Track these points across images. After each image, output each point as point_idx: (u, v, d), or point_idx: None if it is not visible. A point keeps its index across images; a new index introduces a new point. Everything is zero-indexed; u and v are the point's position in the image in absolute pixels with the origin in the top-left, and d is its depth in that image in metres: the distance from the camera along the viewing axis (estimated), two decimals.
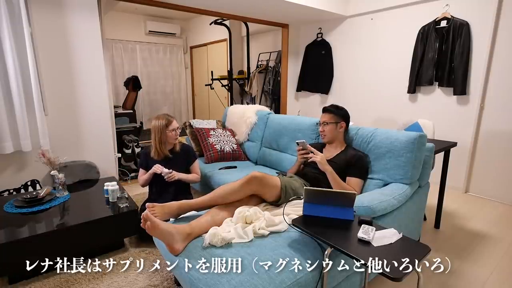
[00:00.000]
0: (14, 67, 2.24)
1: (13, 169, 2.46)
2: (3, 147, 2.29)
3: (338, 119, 1.96)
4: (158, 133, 2.13)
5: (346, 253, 1.08)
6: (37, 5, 2.39)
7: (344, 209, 1.33)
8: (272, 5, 3.42)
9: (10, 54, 2.21)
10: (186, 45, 7.18)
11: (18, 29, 2.26)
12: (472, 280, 1.76)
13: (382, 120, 3.81)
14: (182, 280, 1.30)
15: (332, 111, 1.97)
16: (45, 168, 2.57)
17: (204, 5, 3.40)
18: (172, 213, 1.54)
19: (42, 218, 1.84)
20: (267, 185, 1.60)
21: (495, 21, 2.80)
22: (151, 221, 1.28)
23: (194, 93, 7.42)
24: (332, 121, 1.95)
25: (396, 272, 0.97)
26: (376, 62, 3.77)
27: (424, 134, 1.75)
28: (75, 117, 2.69)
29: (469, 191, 3.18)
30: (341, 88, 4.24)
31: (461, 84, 3.00)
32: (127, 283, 1.70)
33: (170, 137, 2.16)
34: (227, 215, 1.55)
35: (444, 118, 3.24)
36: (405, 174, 1.74)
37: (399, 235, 1.18)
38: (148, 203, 1.49)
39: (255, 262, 1.20)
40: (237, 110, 3.20)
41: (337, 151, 1.96)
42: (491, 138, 2.96)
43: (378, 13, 3.67)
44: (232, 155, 2.84)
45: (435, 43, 3.14)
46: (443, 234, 2.29)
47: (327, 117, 1.96)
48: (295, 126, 2.51)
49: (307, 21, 4.37)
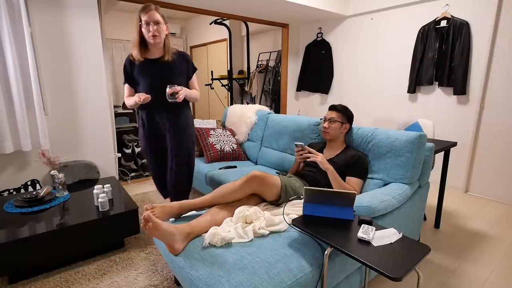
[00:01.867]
0: (14, 67, 2.24)
1: (13, 169, 2.46)
2: (3, 147, 2.29)
3: (344, 120, 1.96)
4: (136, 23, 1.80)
5: (346, 253, 1.08)
6: (37, 5, 2.39)
7: (344, 209, 1.33)
8: (272, 5, 3.42)
9: (10, 54, 2.21)
10: (186, 45, 7.18)
11: (18, 29, 2.26)
12: (472, 280, 1.76)
13: (382, 120, 3.81)
14: (182, 280, 1.30)
15: (340, 110, 1.97)
16: (45, 168, 2.58)
17: (204, 5, 3.40)
18: (172, 213, 1.53)
19: (42, 218, 1.84)
20: (267, 184, 1.61)
21: (495, 21, 2.80)
22: (152, 222, 1.28)
23: None
24: (339, 119, 1.95)
25: (396, 272, 0.97)
26: (376, 62, 3.77)
27: (424, 134, 1.75)
28: (75, 117, 2.69)
29: (469, 191, 3.18)
30: (341, 88, 4.24)
31: (461, 84, 3.00)
32: (127, 283, 1.70)
33: (145, 34, 1.79)
34: (227, 215, 1.55)
35: (444, 118, 3.24)
36: (405, 174, 1.74)
37: (399, 235, 1.18)
38: (147, 205, 1.47)
39: (255, 262, 1.20)
40: (237, 110, 3.20)
41: (337, 151, 1.97)
42: (491, 138, 2.96)
43: (378, 13, 3.67)
44: (232, 155, 2.84)
45: (435, 43, 3.14)
46: (443, 234, 2.29)
47: (335, 115, 1.95)
48: (295, 126, 2.51)
49: (307, 21, 4.37)
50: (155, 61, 1.90)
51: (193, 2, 3.26)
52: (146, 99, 1.76)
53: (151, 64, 1.89)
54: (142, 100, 1.73)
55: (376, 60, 3.77)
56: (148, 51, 1.89)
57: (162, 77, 1.89)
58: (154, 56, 1.90)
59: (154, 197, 2.96)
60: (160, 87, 1.85)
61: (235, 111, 3.21)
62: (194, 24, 6.75)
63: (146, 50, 1.88)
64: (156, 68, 1.89)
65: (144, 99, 1.75)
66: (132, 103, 1.88)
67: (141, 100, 1.73)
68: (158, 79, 1.89)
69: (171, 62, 1.91)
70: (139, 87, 1.95)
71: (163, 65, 1.90)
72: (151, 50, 1.88)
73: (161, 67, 1.90)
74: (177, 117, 1.99)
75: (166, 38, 1.87)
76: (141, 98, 1.73)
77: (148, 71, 1.89)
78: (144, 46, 1.87)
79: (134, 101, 1.81)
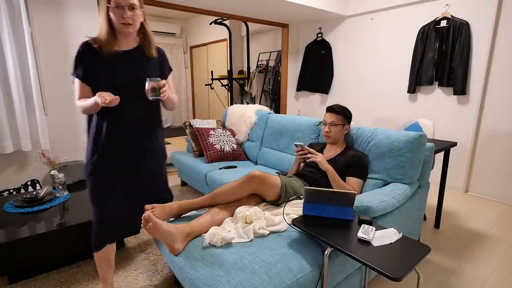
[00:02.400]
0: (14, 67, 2.24)
1: (13, 169, 2.46)
2: (3, 147, 2.29)
3: (344, 121, 1.94)
4: (103, 3, 1.32)
5: (346, 253, 1.08)
6: (37, 5, 2.39)
7: (344, 209, 1.33)
8: (272, 5, 3.42)
9: (10, 54, 2.22)
10: (186, 45, 7.18)
11: (18, 29, 2.26)
12: (472, 280, 1.76)
13: (382, 120, 3.81)
14: (182, 280, 1.30)
15: (340, 112, 1.93)
16: (45, 168, 2.58)
17: (204, 5, 3.40)
18: (172, 213, 1.53)
19: (42, 218, 1.84)
20: (267, 184, 1.60)
21: (495, 21, 2.80)
22: (152, 222, 1.28)
23: (194, 93, 7.42)
24: (339, 122, 1.92)
25: (396, 272, 0.97)
26: (376, 62, 3.77)
27: (424, 134, 1.75)
28: (75, 117, 2.69)
29: (469, 191, 3.18)
30: (341, 88, 4.24)
31: (461, 84, 3.00)
32: (127, 283, 1.70)
33: (114, 19, 1.32)
34: (227, 215, 1.55)
35: (444, 118, 3.24)
36: (405, 174, 1.74)
37: (399, 235, 1.18)
38: (147, 205, 1.45)
39: (255, 262, 1.20)
40: (237, 110, 3.20)
41: (337, 151, 1.96)
42: (491, 138, 2.96)
43: (378, 13, 3.67)
44: (232, 155, 2.84)
45: (435, 43, 3.14)
46: (443, 234, 2.29)
47: (335, 118, 1.92)
48: (295, 126, 2.51)
49: (307, 21, 4.37)
50: (128, 55, 1.41)
51: (193, 2, 3.26)
52: (114, 101, 1.26)
53: (123, 58, 1.39)
54: (108, 102, 1.23)
55: (376, 60, 3.77)
56: (116, 40, 1.38)
57: (136, 76, 1.40)
58: (123, 47, 1.40)
59: None
60: (132, 90, 1.38)
61: (235, 111, 3.21)
62: (194, 24, 6.75)
63: (114, 40, 1.37)
64: (129, 64, 1.41)
65: (112, 101, 1.24)
66: (91, 104, 1.30)
67: (106, 101, 1.23)
68: (131, 79, 1.39)
69: (151, 59, 1.46)
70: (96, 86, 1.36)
71: (139, 60, 1.43)
72: (119, 40, 1.38)
73: (136, 63, 1.42)
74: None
75: (145, 24, 1.42)
76: (106, 99, 1.22)
77: (119, 67, 1.38)
78: (112, 34, 1.36)
79: (95, 102, 1.27)
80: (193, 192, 3.09)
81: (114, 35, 1.37)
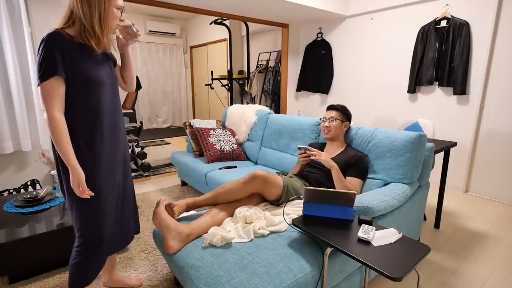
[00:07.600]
0: (14, 67, 2.25)
1: (13, 169, 2.46)
2: (3, 147, 2.29)
3: (344, 118, 1.98)
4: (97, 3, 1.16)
5: (346, 253, 1.08)
6: (37, 5, 2.39)
7: (344, 209, 1.33)
8: (272, 5, 3.42)
9: (10, 54, 2.22)
10: (186, 45, 7.18)
11: (18, 29, 2.26)
12: (472, 280, 1.76)
13: (382, 120, 3.81)
14: (182, 280, 1.30)
15: (339, 109, 2.00)
16: (45, 168, 2.58)
17: (204, 5, 3.40)
18: (181, 208, 1.59)
19: (42, 218, 1.84)
20: (270, 183, 1.61)
21: (495, 21, 2.80)
22: (156, 208, 1.40)
23: (194, 93, 7.42)
24: (339, 118, 1.97)
25: (396, 272, 0.97)
26: (376, 62, 3.77)
27: (424, 134, 1.75)
28: None
29: (469, 191, 3.18)
30: (341, 88, 4.24)
31: (461, 84, 3.00)
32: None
33: (112, 18, 1.23)
34: (227, 215, 1.55)
35: (444, 118, 3.24)
36: (405, 174, 1.74)
37: (399, 235, 1.18)
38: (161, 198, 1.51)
39: (255, 262, 1.20)
40: (237, 110, 3.20)
41: (337, 151, 1.97)
42: (491, 138, 2.96)
43: (378, 13, 3.67)
44: (232, 155, 2.84)
45: (435, 43, 3.14)
46: (443, 234, 2.29)
47: (335, 114, 1.98)
48: (295, 126, 2.51)
49: (307, 21, 4.37)
50: (106, 57, 1.29)
51: (193, 2, 3.26)
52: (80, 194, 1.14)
53: (105, 60, 1.27)
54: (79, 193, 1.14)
55: (376, 60, 3.77)
56: None
57: (115, 83, 1.33)
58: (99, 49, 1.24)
59: (154, 197, 2.96)
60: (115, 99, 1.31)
61: (235, 111, 3.21)
62: (194, 24, 6.75)
63: None
64: (109, 67, 1.30)
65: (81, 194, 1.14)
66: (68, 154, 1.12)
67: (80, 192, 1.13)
68: (113, 86, 1.30)
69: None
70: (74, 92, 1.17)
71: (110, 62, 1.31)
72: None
73: (110, 66, 1.31)
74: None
75: None
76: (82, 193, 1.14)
77: (105, 71, 1.25)
78: None
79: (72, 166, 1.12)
80: (193, 192, 3.09)
81: None
